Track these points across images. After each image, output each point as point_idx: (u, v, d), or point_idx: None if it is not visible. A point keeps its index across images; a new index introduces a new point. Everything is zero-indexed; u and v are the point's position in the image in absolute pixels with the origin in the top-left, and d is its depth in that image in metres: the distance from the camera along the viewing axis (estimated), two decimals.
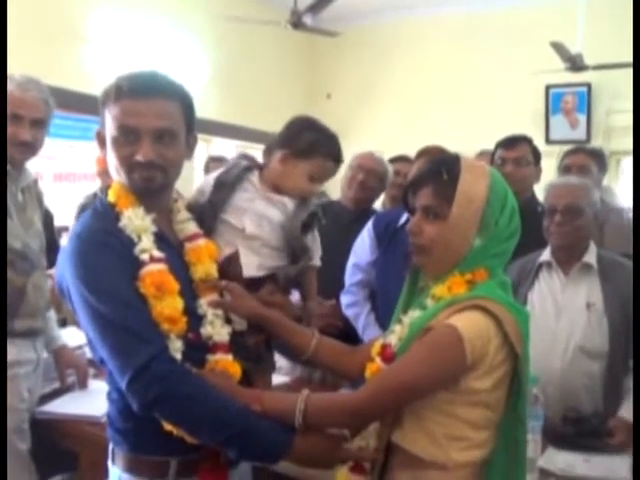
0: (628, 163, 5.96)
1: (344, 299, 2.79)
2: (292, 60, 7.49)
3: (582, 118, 6.20)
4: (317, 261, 1.77)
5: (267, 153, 1.75)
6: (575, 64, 5.29)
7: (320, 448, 1.36)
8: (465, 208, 1.32)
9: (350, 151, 3.10)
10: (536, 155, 2.93)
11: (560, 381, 2.17)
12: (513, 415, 1.34)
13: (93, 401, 2.27)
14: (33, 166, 2.34)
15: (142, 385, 1.30)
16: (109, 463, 1.53)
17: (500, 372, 1.31)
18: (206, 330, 1.47)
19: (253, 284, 1.61)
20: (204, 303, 1.48)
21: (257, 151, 3.86)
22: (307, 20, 5.32)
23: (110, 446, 1.52)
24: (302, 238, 1.66)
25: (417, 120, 6.67)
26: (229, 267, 1.59)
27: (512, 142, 2.89)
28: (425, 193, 1.38)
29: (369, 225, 2.78)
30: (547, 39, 5.22)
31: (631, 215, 2.89)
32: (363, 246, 2.78)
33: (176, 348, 1.37)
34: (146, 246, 1.41)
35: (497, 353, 1.29)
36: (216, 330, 1.47)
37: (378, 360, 1.40)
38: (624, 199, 3.77)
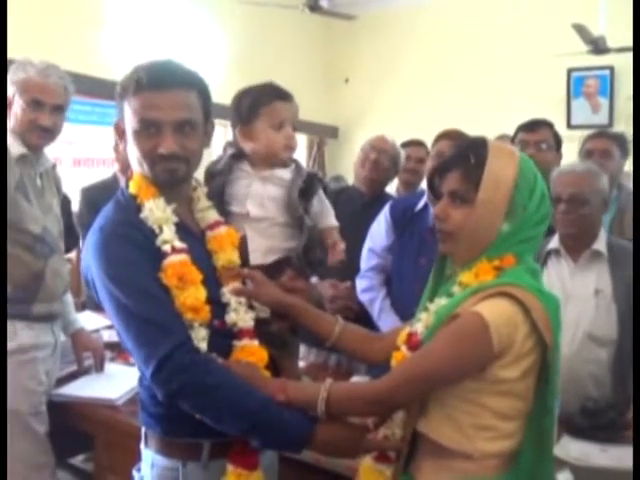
0: None
1: (360, 284, 2.77)
2: (310, 45, 7.43)
3: (604, 102, 6.10)
4: (332, 221, 1.74)
5: (235, 140, 1.74)
6: (597, 47, 5.20)
7: (343, 437, 1.36)
8: (492, 192, 1.29)
9: (368, 134, 3.11)
10: (557, 141, 2.90)
11: (568, 368, 2.13)
12: (541, 405, 1.31)
13: (109, 384, 2.30)
14: (52, 151, 2.35)
15: (166, 375, 1.31)
16: (142, 446, 1.54)
17: (528, 361, 1.27)
18: (230, 317, 1.47)
19: (271, 269, 1.60)
20: (227, 291, 1.49)
21: None
22: (323, 3, 5.34)
23: (143, 430, 1.53)
24: (300, 206, 1.64)
25: (435, 104, 6.60)
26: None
27: (534, 125, 2.87)
28: (452, 177, 1.35)
29: (386, 210, 2.76)
30: (569, 21, 5.13)
31: None
32: (379, 231, 2.76)
33: (200, 337, 1.38)
34: (168, 237, 1.42)
35: (525, 341, 1.26)
36: (240, 317, 1.48)
37: (404, 348, 1.37)
38: None
